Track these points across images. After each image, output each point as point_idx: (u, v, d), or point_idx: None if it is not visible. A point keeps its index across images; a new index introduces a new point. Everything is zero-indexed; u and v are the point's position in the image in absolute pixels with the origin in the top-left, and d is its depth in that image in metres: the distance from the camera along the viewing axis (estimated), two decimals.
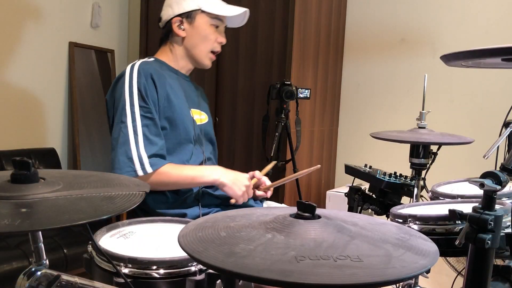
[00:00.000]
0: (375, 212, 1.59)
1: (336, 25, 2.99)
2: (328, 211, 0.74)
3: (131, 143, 1.31)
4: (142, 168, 1.30)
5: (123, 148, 1.31)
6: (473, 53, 0.82)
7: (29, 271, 0.74)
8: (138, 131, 1.32)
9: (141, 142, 1.32)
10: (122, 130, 1.33)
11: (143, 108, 1.34)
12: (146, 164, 1.30)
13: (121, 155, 1.31)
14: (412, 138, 1.30)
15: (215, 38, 1.50)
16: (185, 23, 1.49)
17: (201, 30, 1.47)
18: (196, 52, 1.50)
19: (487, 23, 2.58)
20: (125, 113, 1.34)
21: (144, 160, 1.30)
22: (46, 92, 2.93)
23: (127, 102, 1.34)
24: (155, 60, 1.51)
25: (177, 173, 1.34)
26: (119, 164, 1.31)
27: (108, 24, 3.30)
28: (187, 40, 1.50)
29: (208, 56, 1.51)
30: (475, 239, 0.76)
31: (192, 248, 0.59)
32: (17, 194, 0.68)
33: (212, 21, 1.48)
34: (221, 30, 1.52)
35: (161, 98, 1.38)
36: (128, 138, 1.32)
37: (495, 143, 0.90)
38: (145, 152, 1.31)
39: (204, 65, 1.53)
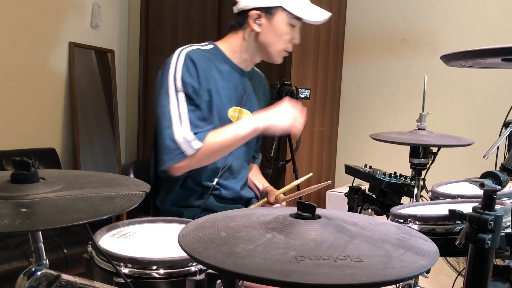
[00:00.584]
0: (375, 212, 1.59)
1: (336, 25, 2.99)
2: (328, 211, 0.74)
3: (175, 126, 1.28)
4: (190, 147, 1.27)
5: (167, 132, 1.28)
6: (473, 53, 0.82)
7: (29, 271, 0.74)
8: (182, 116, 1.30)
9: (186, 125, 1.29)
10: (165, 116, 1.30)
11: (187, 94, 1.31)
12: (193, 142, 1.28)
13: (167, 140, 1.28)
14: (412, 140, 1.30)
15: (290, 38, 1.43)
16: (263, 18, 1.40)
17: (278, 28, 1.40)
18: (269, 50, 1.43)
19: (487, 23, 2.58)
20: (168, 99, 1.31)
21: (190, 138, 1.28)
22: (46, 92, 2.93)
23: (171, 87, 1.31)
24: (213, 48, 1.44)
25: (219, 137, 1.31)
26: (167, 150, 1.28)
27: (108, 24, 3.30)
28: (262, 36, 1.42)
29: (280, 54, 1.45)
30: (475, 239, 0.76)
31: (192, 248, 0.59)
32: (17, 194, 0.68)
33: (291, 21, 1.40)
34: (297, 29, 1.45)
35: (202, 90, 1.35)
36: (171, 123, 1.29)
37: (495, 143, 0.90)
38: (190, 130, 1.29)
39: (275, 62, 1.48)
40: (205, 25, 2.80)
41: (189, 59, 1.34)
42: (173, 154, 1.28)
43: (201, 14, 2.83)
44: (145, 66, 3.12)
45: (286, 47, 1.44)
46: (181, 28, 2.94)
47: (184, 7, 2.91)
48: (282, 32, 1.40)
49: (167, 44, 3.02)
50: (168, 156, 1.28)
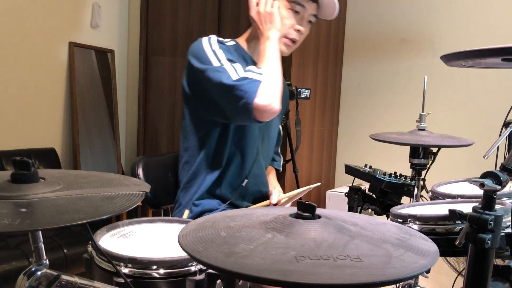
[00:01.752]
0: (375, 212, 1.59)
1: (336, 25, 2.99)
2: (328, 211, 0.74)
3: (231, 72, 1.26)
4: (255, 73, 1.26)
5: (231, 80, 1.25)
6: (473, 53, 0.82)
7: (29, 271, 0.74)
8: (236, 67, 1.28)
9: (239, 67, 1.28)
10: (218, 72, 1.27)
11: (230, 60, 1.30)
12: (251, 71, 1.27)
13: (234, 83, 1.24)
14: (411, 140, 1.30)
15: (291, 24, 1.37)
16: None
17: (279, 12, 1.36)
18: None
19: (487, 23, 2.58)
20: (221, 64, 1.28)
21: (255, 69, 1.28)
22: (46, 92, 2.93)
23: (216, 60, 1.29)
24: (235, 44, 1.43)
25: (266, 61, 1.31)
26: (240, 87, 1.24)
27: (108, 24, 3.30)
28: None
29: (282, 41, 1.39)
30: (475, 239, 0.76)
31: (192, 248, 0.59)
32: (17, 194, 0.68)
33: (290, 5, 1.37)
34: (302, 17, 1.39)
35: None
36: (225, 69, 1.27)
37: (495, 143, 0.90)
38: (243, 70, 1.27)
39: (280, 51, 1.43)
40: (205, 25, 2.80)
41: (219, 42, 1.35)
42: (247, 87, 1.23)
43: (201, 14, 2.83)
44: (145, 66, 3.12)
45: (287, 32, 1.39)
46: (181, 28, 2.94)
47: (184, 7, 2.91)
48: (281, 16, 1.36)
49: (167, 44, 3.02)
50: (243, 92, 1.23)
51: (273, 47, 1.32)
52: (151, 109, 3.14)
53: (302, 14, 1.39)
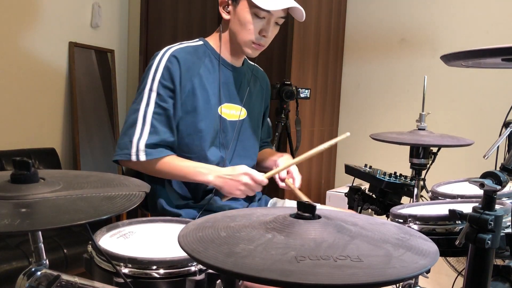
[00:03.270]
0: (375, 212, 1.59)
1: (336, 25, 2.99)
2: (328, 211, 0.74)
3: (137, 127, 1.32)
4: (136, 155, 1.31)
5: (129, 131, 1.33)
6: (473, 53, 0.82)
7: (29, 271, 0.74)
8: (147, 117, 1.33)
9: (147, 129, 1.32)
10: (133, 113, 1.34)
11: (160, 96, 1.33)
12: (141, 152, 1.31)
13: (125, 136, 1.33)
14: (411, 140, 1.30)
15: (256, 29, 1.36)
16: (230, 5, 1.38)
17: (241, 17, 1.36)
18: (237, 39, 1.39)
19: (487, 23, 2.58)
20: (142, 96, 1.34)
21: (141, 147, 1.31)
22: (46, 92, 2.93)
23: (148, 86, 1.34)
24: (202, 44, 1.44)
25: (173, 166, 1.34)
26: (120, 145, 1.34)
27: (108, 24, 3.30)
28: (231, 24, 1.40)
29: (248, 45, 1.39)
30: (475, 239, 0.76)
31: (192, 248, 0.59)
32: (17, 194, 0.68)
33: (252, 10, 1.34)
34: (268, 21, 1.37)
35: (184, 90, 1.34)
36: (136, 122, 1.32)
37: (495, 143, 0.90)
38: (146, 140, 1.32)
39: (246, 54, 1.43)
40: (205, 25, 2.80)
41: (174, 58, 1.34)
42: (122, 152, 1.32)
43: (201, 14, 2.83)
44: (145, 66, 3.11)
45: (252, 38, 1.37)
46: (181, 28, 2.94)
47: (184, 7, 2.91)
48: (245, 20, 1.35)
49: (167, 44, 3.00)
50: (118, 151, 1.34)
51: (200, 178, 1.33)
52: None
53: (268, 18, 1.37)
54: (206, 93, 1.38)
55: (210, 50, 1.43)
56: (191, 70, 1.36)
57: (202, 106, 1.37)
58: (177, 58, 1.34)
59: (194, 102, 1.36)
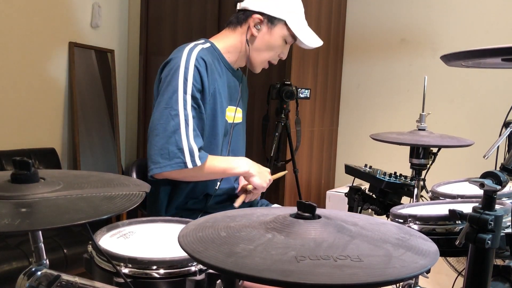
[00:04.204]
0: (375, 212, 1.59)
1: (336, 25, 2.99)
2: (328, 211, 0.74)
3: (182, 133, 1.26)
4: (192, 161, 1.25)
5: (173, 138, 1.25)
6: (473, 53, 0.82)
7: (29, 271, 0.74)
8: (189, 122, 1.27)
9: (191, 133, 1.27)
10: (173, 118, 1.26)
11: (195, 99, 1.29)
12: (196, 157, 1.27)
13: (171, 145, 1.25)
14: (411, 140, 1.30)
15: (279, 52, 1.47)
16: (264, 25, 1.40)
17: (273, 39, 1.42)
18: (255, 56, 1.44)
19: (487, 23, 2.58)
20: (176, 99, 1.27)
21: (195, 152, 1.27)
22: (46, 92, 2.93)
23: (180, 88, 1.27)
24: (210, 46, 1.42)
25: (215, 165, 1.34)
26: (168, 155, 1.24)
27: (108, 24, 3.30)
28: (256, 41, 1.42)
29: (263, 64, 1.48)
30: (475, 239, 0.76)
31: (192, 248, 0.59)
32: (17, 194, 0.68)
33: (287, 37, 1.43)
34: (288, 46, 1.48)
35: (209, 93, 1.34)
36: (179, 128, 1.26)
37: (495, 143, 0.90)
38: (196, 144, 1.28)
39: (255, 70, 1.50)
40: (205, 25, 2.80)
41: (202, 60, 1.31)
42: (173, 162, 1.24)
43: (201, 14, 2.83)
44: (145, 66, 3.12)
45: (272, 58, 1.48)
46: (181, 28, 2.94)
47: (184, 7, 2.91)
48: (275, 44, 1.43)
49: (167, 44, 3.02)
50: (167, 162, 1.25)
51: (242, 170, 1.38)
52: (151, 109, 3.14)
53: (288, 44, 1.46)
54: (220, 96, 1.39)
55: (217, 53, 1.43)
56: (214, 73, 1.36)
57: (219, 110, 1.38)
58: (204, 60, 1.32)
59: (214, 105, 1.37)
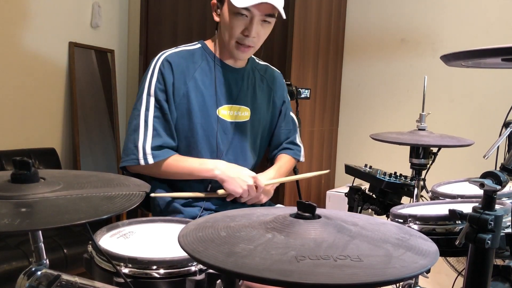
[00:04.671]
0: (375, 212, 1.59)
1: (336, 25, 2.99)
2: (328, 211, 0.74)
3: (140, 132, 1.34)
4: (144, 158, 1.33)
5: (132, 136, 1.35)
6: (473, 53, 0.82)
7: (29, 271, 0.74)
8: (148, 121, 1.35)
9: (150, 132, 1.34)
10: (135, 118, 1.37)
11: (158, 100, 1.36)
12: (148, 155, 1.33)
13: (129, 142, 1.36)
14: (411, 140, 1.30)
15: (237, 29, 1.33)
16: (219, 8, 1.38)
17: (225, 17, 1.35)
18: (224, 40, 1.38)
19: (487, 23, 2.58)
20: (141, 101, 1.37)
21: (147, 151, 1.33)
22: (46, 92, 2.93)
23: (145, 90, 1.37)
24: (200, 47, 1.44)
25: (179, 165, 1.37)
26: (126, 151, 1.36)
27: (108, 24, 3.30)
28: (220, 26, 1.39)
29: (233, 46, 1.37)
30: (475, 239, 0.76)
31: (192, 248, 0.59)
32: (17, 194, 0.68)
33: (234, 9, 1.30)
34: (252, 20, 1.32)
35: (178, 94, 1.37)
36: (139, 127, 1.35)
37: (495, 143, 0.90)
38: (151, 143, 1.34)
39: (235, 57, 1.41)
40: (205, 25, 2.80)
41: (167, 63, 1.37)
42: (129, 157, 1.35)
43: (201, 14, 2.83)
44: (145, 66, 3.12)
45: (236, 38, 1.35)
46: (181, 28, 2.94)
47: (184, 7, 2.91)
48: (227, 21, 1.34)
49: (167, 44, 3.01)
50: (125, 157, 1.36)
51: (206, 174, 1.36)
52: None
53: (250, 17, 1.32)
54: (201, 95, 1.39)
55: (208, 53, 1.44)
56: (184, 73, 1.38)
57: (198, 109, 1.38)
58: (170, 62, 1.37)
59: (189, 105, 1.38)
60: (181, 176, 1.39)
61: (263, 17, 1.33)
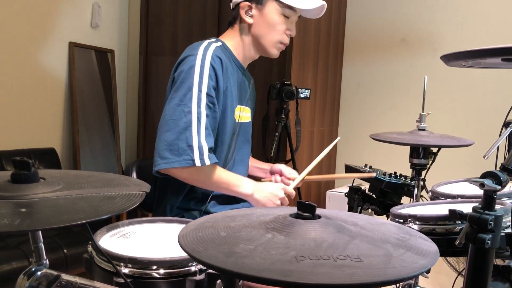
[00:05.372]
0: (375, 212, 1.59)
1: (336, 25, 2.99)
2: (328, 211, 0.74)
3: (194, 130, 1.24)
4: (201, 159, 1.23)
5: (184, 134, 1.23)
6: (473, 53, 0.82)
7: (29, 271, 0.74)
8: (202, 120, 1.25)
9: (203, 131, 1.25)
10: (185, 115, 1.24)
11: (210, 97, 1.28)
12: (205, 155, 1.24)
13: (181, 141, 1.23)
14: (411, 140, 1.30)
15: (284, 29, 1.38)
16: (254, 9, 1.37)
17: (270, 18, 1.35)
18: (263, 42, 1.39)
19: (487, 23, 2.58)
20: (191, 97, 1.25)
21: (205, 150, 1.24)
22: (46, 92, 2.93)
23: (195, 86, 1.26)
24: (222, 45, 1.41)
25: (222, 175, 1.31)
26: (177, 151, 1.23)
27: (108, 24, 3.30)
28: (254, 28, 1.38)
29: (276, 46, 1.40)
30: (475, 239, 0.76)
31: (192, 248, 0.59)
32: (17, 194, 0.68)
33: (283, 11, 1.36)
34: (292, 20, 1.40)
35: (222, 91, 1.33)
36: (191, 125, 1.24)
37: (495, 143, 0.90)
38: (207, 143, 1.25)
39: (271, 55, 1.44)
40: (205, 25, 2.80)
41: (217, 58, 1.31)
42: (181, 158, 1.23)
43: (201, 14, 2.83)
44: (145, 66, 3.12)
45: (281, 38, 1.39)
46: (181, 28, 2.94)
47: (184, 7, 2.91)
48: (274, 22, 1.36)
49: (167, 44, 3.02)
50: (175, 158, 1.23)
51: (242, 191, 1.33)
52: (151, 109, 3.14)
53: (291, 18, 1.39)
54: (232, 95, 1.38)
55: (228, 52, 1.42)
56: (227, 71, 1.35)
57: (229, 108, 1.37)
58: (220, 58, 1.32)
59: (225, 104, 1.35)
60: (217, 187, 1.32)
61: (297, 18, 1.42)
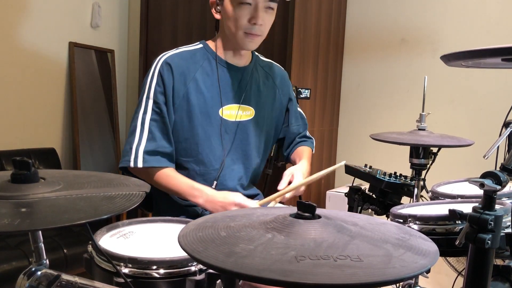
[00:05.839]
0: (375, 212, 1.59)
1: (336, 25, 2.99)
2: (328, 211, 0.74)
3: (136, 134, 1.35)
4: (134, 161, 1.33)
5: (129, 138, 1.37)
6: (473, 53, 0.82)
7: (29, 271, 0.74)
8: (145, 124, 1.36)
9: (145, 135, 1.35)
10: (133, 120, 1.38)
11: (156, 103, 1.36)
12: (139, 158, 1.33)
13: (126, 144, 1.37)
14: (411, 140, 1.30)
15: (244, 18, 1.32)
16: (219, 5, 1.37)
17: (228, 11, 1.34)
18: (231, 35, 1.37)
19: (488, 23, 2.58)
20: (141, 103, 1.38)
21: (139, 153, 1.33)
22: (46, 92, 2.93)
23: (145, 93, 1.38)
24: (202, 47, 1.44)
25: (169, 181, 1.35)
26: (123, 152, 1.38)
27: (108, 24, 3.30)
28: (223, 22, 1.39)
29: (242, 38, 1.36)
30: (475, 239, 0.76)
31: (192, 248, 0.59)
32: (17, 194, 0.68)
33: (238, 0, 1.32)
34: (257, 8, 1.32)
35: (178, 96, 1.36)
36: (135, 129, 1.35)
37: (495, 143, 0.90)
38: (144, 147, 1.34)
39: (245, 48, 1.40)
40: (205, 25, 2.80)
41: (166, 65, 1.36)
42: (124, 159, 1.36)
43: (201, 14, 2.83)
44: (145, 66, 3.12)
45: (244, 28, 1.34)
46: (181, 28, 2.94)
47: (184, 7, 2.91)
48: (232, 13, 1.33)
49: (167, 44, 3.02)
50: (121, 159, 1.37)
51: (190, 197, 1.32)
52: None
53: (254, 4, 1.32)
54: (203, 96, 1.38)
55: (209, 53, 1.43)
56: (185, 75, 1.37)
57: (199, 110, 1.38)
58: (170, 64, 1.36)
59: (189, 107, 1.37)
60: (169, 191, 1.37)
61: (267, 3, 1.34)
